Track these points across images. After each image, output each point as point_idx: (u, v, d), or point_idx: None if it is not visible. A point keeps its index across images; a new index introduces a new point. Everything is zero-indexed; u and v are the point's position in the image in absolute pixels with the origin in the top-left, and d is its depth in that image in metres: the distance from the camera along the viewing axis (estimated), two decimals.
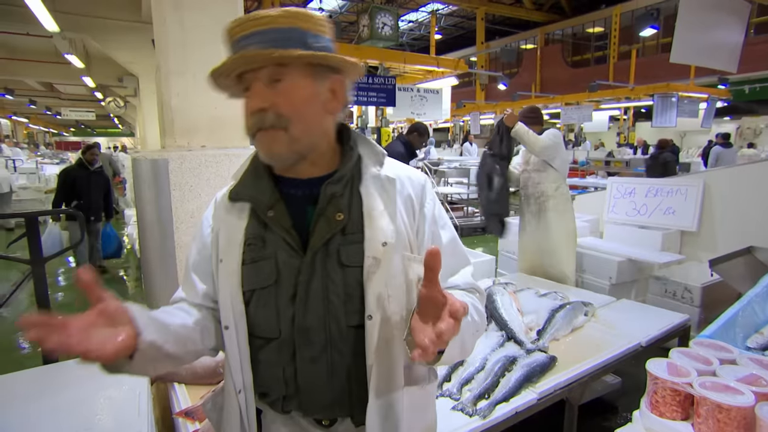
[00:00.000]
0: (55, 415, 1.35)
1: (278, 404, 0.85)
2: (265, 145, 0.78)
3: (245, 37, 0.74)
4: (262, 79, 0.75)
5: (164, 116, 2.06)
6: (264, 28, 0.73)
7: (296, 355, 0.81)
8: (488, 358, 1.78)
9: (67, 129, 28.90)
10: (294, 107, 0.76)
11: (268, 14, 0.74)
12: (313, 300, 0.79)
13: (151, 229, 1.93)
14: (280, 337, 0.82)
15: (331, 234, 0.79)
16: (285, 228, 0.81)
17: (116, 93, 11.21)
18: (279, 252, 0.81)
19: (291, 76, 0.76)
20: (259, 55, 0.73)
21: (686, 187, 3.60)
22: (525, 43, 19.65)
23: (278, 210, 0.82)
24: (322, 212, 0.80)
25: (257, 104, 0.75)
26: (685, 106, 10.94)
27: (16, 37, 8.13)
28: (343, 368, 0.82)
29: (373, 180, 0.84)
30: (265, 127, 0.76)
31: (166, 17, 1.96)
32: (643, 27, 7.29)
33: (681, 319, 2.25)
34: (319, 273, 0.79)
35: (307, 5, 16.17)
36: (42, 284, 1.98)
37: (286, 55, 0.72)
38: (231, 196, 0.86)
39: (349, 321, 0.80)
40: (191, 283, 0.90)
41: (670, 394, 1.16)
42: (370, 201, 0.81)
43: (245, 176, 0.87)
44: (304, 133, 0.78)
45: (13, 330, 3.73)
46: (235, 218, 0.85)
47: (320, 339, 0.80)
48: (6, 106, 17.45)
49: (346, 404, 0.83)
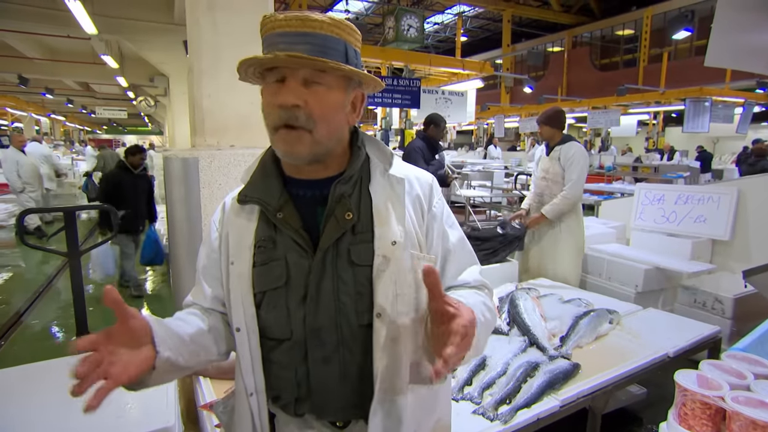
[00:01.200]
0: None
1: (291, 407, 0.85)
2: (288, 143, 0.77)
3: (292, 35, 0.74)
4: (299, 78, 0.76)
5: (195, 116, 2.12)
6: (313, 31, 0.75)
7: (308, 355, 0.81)
8: (510, 363, 1.76)
9: (100, 127, 29.93)
10: (324, 111, 0.77)
11: (319, 19, 0.75)
12: (324, 300, 0.80)
13: (180, 226, 1.98)
14: (292, 338, 0.82)
15: (340, 233, 0.80)
16: (295, 229, 0.81)
17: (147, 92, 11.57)
18: (289, 253, 0.81)
19: (327, 83, 0.77)
20: (313, 61, 0.73)
21: (719, 195, 3.48)
22: (552, 46, 19.35)
23: (288, 211, 0.82)
24: (332, 212, 0.80)
25: (292, 100, 0.75)
26: (719, 111, 10.59)
27: (58, 39, 8.49)
28: (355, 368, 0.82)
29: (381, 180, 0.85)
30: (296, 125, 0.76)
31: (199, 19, 2.02)
32: (677, 29, 7.10)
33: (711, 330, 2.18)
34: (330, 273, 0.80)
35: (333, 7, 16.33)
36: (78, 276, 2.06)
37: (337, 67, 0.75)
38: (240, 198, 0.86)
39: (360, 320, 0.81)
40: (201, 287, 0.91)
41: (700, 407, 1.13)
42: (379, 200, 0.82)
43: (254, 178, 0.86)
44: (326, 138, 0.79)
45: (48, 319, 3.89)
46: (245, 221, 0.85)
47: (332, 339, 0.81)
48: (46, 105, 18.21)
49: (359, 405, 0.83)
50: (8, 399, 1.42)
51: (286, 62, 0.75)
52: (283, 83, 0.76)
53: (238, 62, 0.78)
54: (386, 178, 0.85)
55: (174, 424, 1.31)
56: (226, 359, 0.92)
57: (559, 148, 3.21)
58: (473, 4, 15.38)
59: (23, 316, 3.89)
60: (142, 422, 1.30)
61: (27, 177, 6.51)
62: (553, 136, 3.24)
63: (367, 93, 0.86)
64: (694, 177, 8.95)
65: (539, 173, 3.35)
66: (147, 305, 4.33)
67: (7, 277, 5.06)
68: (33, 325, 3.76)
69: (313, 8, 15.02)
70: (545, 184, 3.28)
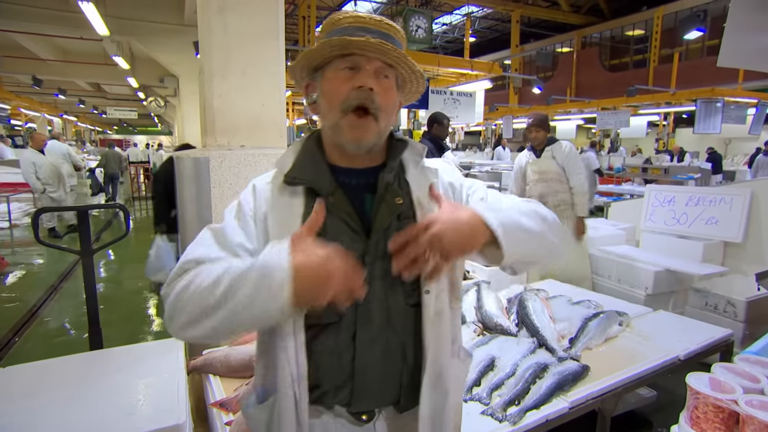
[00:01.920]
0: (99, 399, 1.42)
1: (328, 396, 0.85)
2: (358, 130, 0.83)
3: (371, 30, 0.83)
4: (373, 69, 0.83)
5: (206, 116, 2.14)
6: (385, 31, 0.84)
7: (356, 337, 0.83)
8: (519, 364, 1.76)
9: (110, 127, 30.27)
10: (388, 103, 0.85)
11: (388, 23, 0.85)
12: (376, 280, 0.83)
13: (192, 225, 2.00)
14: (341, 321, 0.83)
15: (392, 217, 0.85)
16: (348, 212, 0.84)
17: (157, 93, 11.68)
18: (341, 236, 0.82)
19: (391, 78, 0.86)
20: (399, 54, 0.82)
21: (731, 197, 3.44)
22: (561, 47, 19.22)
23: (338, 196, 0.85)
24: (382, 198, 0.85)
25: (372, 83, 0.82)
26: (731, 112, 10.45)
27: (70, 40, 8.62)
28: (398, 348, 0.86)
29: (417, 170, 0.92)
30: (371, 107, 0.81)
31: (210, 21, 2.03)
32: (689, 29, 7.02)
33: (724, 333, 2.16)
34: (381, 254, 0.83)
35: (342, 8, 16.37)
36: (90, 274, 2.08)
37: (412, 63, 0.85)
38: (287, 179, 0.86)
39: (407, 300, 0.86)
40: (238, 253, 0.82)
41: (712, 410, 1.12)
42: (417, 188, 0.89)
43: (300, 162, 0.88)
44: (385, 129, 0.87)
45: (62, 316, 3.94)
46: (290, 204, 0.85)
47: (380, 318, 0.84)
48: (59, 106, 18.47)
49: (394, 389, 0.87)
50: (22, 395, 1.44)
51: (375, 48, 0.81)
52: (357, 71, 0.83)
53: (318, 45, 0.83)
54: (419, 168, 0.92)
55: (185, 421, 1.32)
56: None
57: (550, 149, 3.38)
58: (482, 4, 15.32)
59: (37, 312, 3.95)
60: (153, 419, 1.31)
61: (46, 177, 6.53)
62: (544, 139, 3.42)
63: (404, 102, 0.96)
64: (706, 178, 8.85)
65: (534, 176, 3.41)
66: (157, 302, 4.37)
67: (21, 274, 5.13)
68: (46, 322, 3.81)
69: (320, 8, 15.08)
70: (545, 184, 3.35)
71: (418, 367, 0.86)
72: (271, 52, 2.14)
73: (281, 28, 2.18)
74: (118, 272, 5.53)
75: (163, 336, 3.54)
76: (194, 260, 0.79)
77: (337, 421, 0.87)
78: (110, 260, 5.92)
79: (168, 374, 1.57)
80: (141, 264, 5.74)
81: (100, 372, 1.61)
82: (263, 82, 2.12)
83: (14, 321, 3.73)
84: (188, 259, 0.80)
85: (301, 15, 11.39)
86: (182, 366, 1.65)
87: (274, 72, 2.16)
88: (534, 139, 3.40)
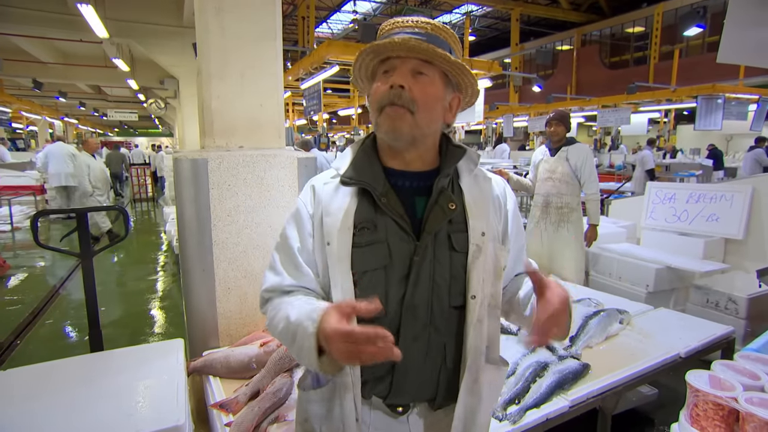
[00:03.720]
0: (99, 400, 1.43)
1: (368, 386, 0.89)
2: (392, 119, 0.85)
3: (406, 30, 0.87)
4: (408, 67, 0.86)
5: (204, 117, 2.14)
6: (424, 30, 0.87)
7: (400, 332, 0.86)
8: (519, 363, 1.76)
9: (111, 129, 30.31)
10: (425, 97, 0.86)
11: (430, 22, 0.88)
12: (422, 280, 0.86)
13: (190, 226, 2.00)
14: (386, 316, 0.86)
15: (444, 221, 0.88)
16: (399, 214, 0.87)
17: (157, 95, 11.69)
18: (391, 236, 0.87)
19: (431, 74, 0.87)
20: (425, 48, 0.83)
21: (732, 194, 3.43)
22: (561, 44, 19.20)
23: (391, 197, 0.88)
24: (436, 202, 0.88)
25: (399, 81, 0.84)
26: (732, 108, 10.40)
27: (70, 43, 8.63)
28: (439, 347, 0.89)
29: (471, 177, 0.95)
30: (399, 102, 0.84)
31: (208, 22, 2.03)
32: (689, 26, 7.00)
33: (724, 330, 2.15)
34: (429, 256, 0.87)
35: (342, 8, 16.38)
36: (90, 276, 2.09)
37: (443, 55, 0.84)
38: (344, 179, 0.90)
39: (452, 302, 0.89)
40: (306, 270, 0.91)
41: (712, 408, 1.12)
42: (469, 195, 0.92)
43: (357, 163, 0.92)
44: (424, 122, 0.87)
45: (63, 318, 3.95)
46: (342, 203, 0.89)
47: (423, 317, 0.87)
48: (59, 108, 18.50)
49: (432, 386, 0.90)
50: (24, 397, 1.44)
51: (400, 46, 0.84)
52: (393, 73, 0.86)
53: (358, 54, 0.90)
54: (473, 176, 0.95)
55: (184, 422, 1.32)
56: None
57: (566, 149, 3.28)
58: (481, 3, 15.31)
59: (38, 315, 3.96)
60: (153, 420, 1.31)
61: (96, 181, 6.69)
62: (563, 136, 3.30)
63: (464, 100, 0.96)
64: (707, 175, 8.84)
65: (543, 174, 3.37)
66: (157, 303, 4.38)
67: (23, 277, 5.14)
68: (48, 325, 3.82)
69: (320, 9, 15.09)
70: (551, 184, 3.30)
71: (457, 367, 0.90)
72: (268, 54, 2.13)
73: (279, 30, 2.18)
74: (118, 274, 5.53)
75: (163, 337, 3.55)
76: (268, 290, 0.93)
77: (374, 411, 0.92)
78: (110, 262, 5.93)
79: (168, 376, 1.57)
80: (141, 266, 5.77)
81: (100, 374, 1.61)
82: (261, 84, 2.12)
83: (16, 324, 3.73)
84: (265, 288, 0.93)
85: (300, 15, 11.40)
86: (182, 367, 1.65)
87: (272, 73, 2.15)
88: (553, 134, 3.32)
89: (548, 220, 3.33)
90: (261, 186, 2.07)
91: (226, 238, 2.03)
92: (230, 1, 2.04)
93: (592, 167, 3.25)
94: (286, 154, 2.12)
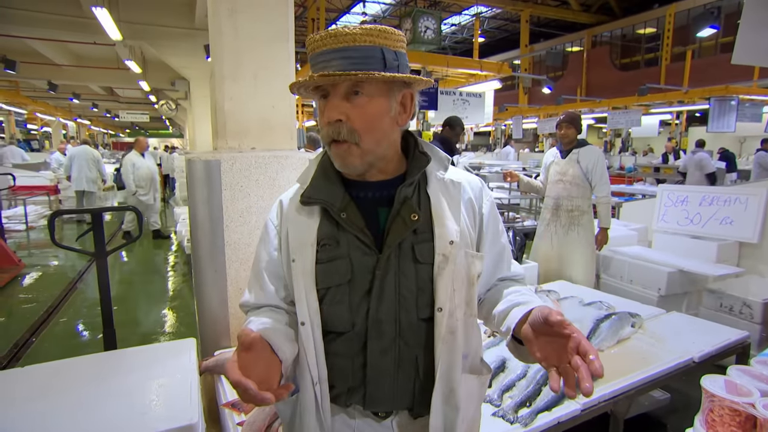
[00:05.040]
0: (114, 398, 1.44)
1: (342, 397, 0.90)
2: (340, 156, 0.83)
3: (327, 53, 0.79)
4: (340, 93, 0.80)
5: (217, 119, 2.16)
6: (345, 45, 0.78)
7: (367, 346, 0.86)
8: (530, 365, 1.75)
9: (122, 130, 30.69)
10: (367, 122, 0.81)
11: (350, 32, 0.78)
12: (387, 294, 0.85)
13: (203, 226, 2.02)
14: (353, 330, 0.87)
15: (407, 233, 0.84)
16: (359, 228, 0.85)
17: (168, 96, 11.81)
18: (353, 251, 0.85)
19: (368, 91, 0.81)
20: (343, 76, 0.77)
21: (747, 196, 3.38)
22: (571, 46, 19.07)
23: (351, 212, 0.86)
24: (397, 213, 0.85)
25: (334, 116, 0.80)
26: (746, 110, 10.25)
27: (84, 46, 8.75)
28: (410, 359, 0.87)
29: (438, 183, 0.90)
30: (340, 139, 0.81)
31: (221, 25, 2.05)
32: (702, 27, 6.92)
33: (739, 335, 2.12)
34: (393, 269, 0.84)
35: (351, 10, 16.43)
36: (104, 275, 2.12)
37: (365, 78, 0.77)
38: (303, 200, 0.89)
39: (420, 314, 0.86)
40: (265, 287, 0.94)
41: (728, 413, 1.10)
42: (437, 203, 0.88)
43: (315, 180, 0.90)
44: (375, 146, 0.83)
45: (76, 317, 4.00)
46: (306, 219, 0.89)
47: (391, 331, 0.85)
48: (73, 110, 18.78)
49: (408, 396, 0.88)
50: (38, 395, 1.46)
51: (320, 82, 0.79)
52: (327, 100, 0.82)
53: (289, 87, 0.86)
54: (443, 181, 0.90)
55: (197, 421, 1.33)
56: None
57: (577, 151, 3.26)
58: (490, 4, 15.26)
59: (53, 313, 4.02)
60: (167, 419, 1.32)
61: (140, 180, 6.75)
62: (574, 138, 3.28)
63: (417, 89, 0.89)
64: (720, 178, 8.70)
65: (554, 176, 3.35)
66: (168, 303, 4.43)
67: (38, 276, 5.23)
68: (62, 323, 3.87)
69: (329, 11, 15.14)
70: (562, 186, 3.29)
71: (431, 378, 0.87)
72: (281, 55, 2.15)
73: (291, 31, 2.19)
74: (128, 274, 5.60)
75: (174, 337, 3.58)
76: (242, 304, 0.98)
77: (357, 417, 0.92)
78: (121, 262, 6.01)
79: (181, 375, 1.58)
80: (151, 265, 5.83)
81: (114, 372, 1.63)
82: (274, 85, 2.14)
83: (31, 321, 3.80)
84: (240, 302, 0.99)
85: (310, 17, 11.45)
86: (195, 367, 1.67)
87: (284, 74, 2.17)
88: (564, 137, 3.30)
89: (558, 222, 3.32)
90: (273, 187, 2.08)
91: (239, 238, 2.05)
92: (243, 3, 2.06)
93: (603, 170, 3.22)
94: (297, 156, 2.13)
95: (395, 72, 0.81)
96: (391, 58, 0.81)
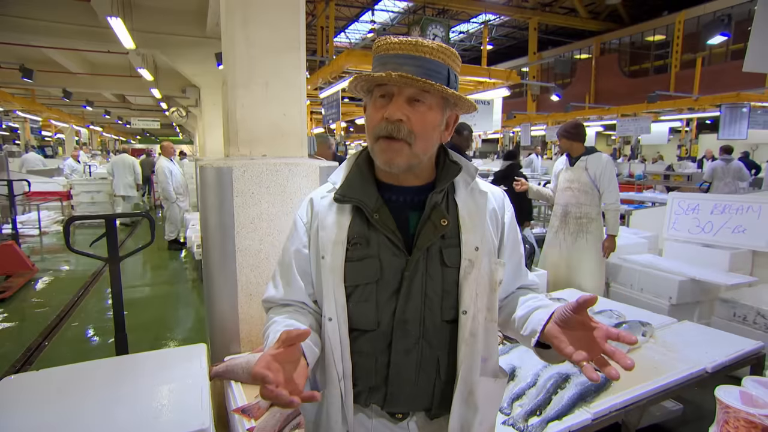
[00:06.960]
0: (126, 403, 1.46)
1: (363, 395, 0.92)
2: (389, 153, 0.85)
3: (404, 57, 0.83)
4: (405, 95, 0.84)
5: (229, 126, 2.19)
6: (422, 55, 0.83)
7: (392, 346, 0.89)
8: (540, 374, 1.74)
9: (134, 137, 31.10)
10: (423, 127, 0.85)
11: (429, 45, 0.83)
12: (413, 295, 0.88)
13: (214, 233, 2.04)
14: (378, 329, 0.89)
15: (436, 237, 0.88)
16: (391, 230, 0.88)
17: (179, 103, 11.97)
18: (383, 251, 0.88)
19: (428, 102, 0.85)
20: (421, 82, 0.81)
21: (760, 205, 3.35)
22: (579, 53, 19.05)
23: (383, 213, 0.89)
24: (428, 218, 0.88)
25: (398, 115, 0.83)
26: (758, 117, 10.13)
27: (98, 54, 8.92)
28: (432, 360, 0.90)
29: (465, 191, 0.94)
30: (398, 137, 0.83)
31: (234, 34, 2.09)
32: (713, 34, 6.89)
33: (754, 345, 2.09)
34: (421, 271, 0.88)
35: (360, 18, 16.57)
36: (117, 280, 2.14)
37: (440, 89, 0.82)
38: (337, 197, 0.91)
39: (444, 316, 0.90)
40: (298, 284, 0.95)
41: (744, 425, 1.09)
42: (464, 210, 0.91)
43: (351, 180, 0.93)
44: (422, 152, 0.87)
45: (88, 321, 4.04)
46: (337, 218, 0.91)
47: (415, 332, 0.88)
48: (86, 117, 19.10)
49: (427, 396, 0.91)
50: (53, 398, 1.48)
51: (396, 81, 0.82)
52: (390, 100, 0.85)
53: (352, 78, 0.88)
54: (469, 190, 0.94)
55: (209, 426, 1.34)
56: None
57: (585, 159, 3.27)
58: (499, 12, 15.33)
59: (65, 317, 4.07)
60: (178, 423, 1.34)
61: (177, 186, 6.80)
62: (580, 148, 3.31)
63: (461, 113, 0.94)
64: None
65: (563, 184, 3.35)
66: (178, 309, 4.45)
67: (50, 280, 5.29)
68: (74, 327, 3.92)
69: (338, 19, 15.29)
70: (570, 194, 3.28)
71: (452, 380, 0.90)
72: (292, 63, 2.18)
73: (302, 40, 2.22)
74: (138, 279, 5.65)
75: (184, 342, 3.61)
76: (266, 300, 0.99)
77: (374, 417, 0.94)
78: (130, 267, 6.06)
79: (192, 380, 1.60)
80: (161, 271, 5.87)
81: (126, 376, 1.65)
82: (285, 93, 2.17)
83: (44, 325, 3.84)
84: (264, 298, 1.00)
85: (319, 26, 11.57)
86: (205, 372, 1.68)
87: (295, 83, 2.20)
88: (569, 149, 3.32)
89: (567, 230, 3.30)
90: (284, 194, 2.10)
91: (249, 245, 2.06)
92: (256, 13, 2.10)
93: (611, 177, 3.21)
94: (308, 163, 2.15)
95: (456, 91, 0.86)
96: (453, 78, 0.87)
